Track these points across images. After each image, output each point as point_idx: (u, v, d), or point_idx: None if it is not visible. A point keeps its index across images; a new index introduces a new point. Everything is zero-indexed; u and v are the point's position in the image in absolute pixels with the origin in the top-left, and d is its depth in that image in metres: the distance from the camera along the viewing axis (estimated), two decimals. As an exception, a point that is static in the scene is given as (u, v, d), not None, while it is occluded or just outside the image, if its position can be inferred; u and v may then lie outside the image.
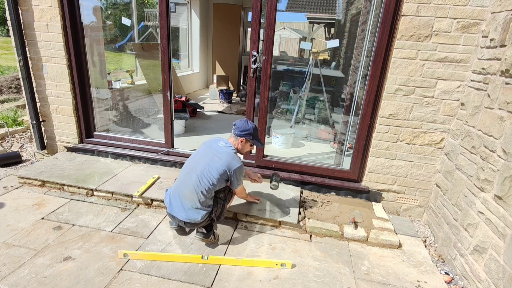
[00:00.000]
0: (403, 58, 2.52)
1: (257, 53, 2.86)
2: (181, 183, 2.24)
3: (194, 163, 2.27)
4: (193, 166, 2.25)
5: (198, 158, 2.30)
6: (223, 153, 2.23)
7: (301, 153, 3.97)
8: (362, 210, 2.83)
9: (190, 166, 2.27)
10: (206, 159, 2.23)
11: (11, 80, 6.95)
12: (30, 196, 2.79)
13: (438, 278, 2.18)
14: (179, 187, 2.25)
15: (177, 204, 2.21)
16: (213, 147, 2.29)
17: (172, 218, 2.27)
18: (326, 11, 7.83)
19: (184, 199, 2.19)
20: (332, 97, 5.36)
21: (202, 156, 2.28)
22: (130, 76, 5.73)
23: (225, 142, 2.33)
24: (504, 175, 1.83)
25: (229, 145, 2.31)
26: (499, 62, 2.05)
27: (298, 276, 2.09)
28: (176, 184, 2.30)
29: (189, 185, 2.19)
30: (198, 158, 2.30)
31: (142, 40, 6.94)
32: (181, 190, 2.21)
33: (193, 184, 2.17)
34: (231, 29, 7.51)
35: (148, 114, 5.13)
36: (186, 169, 2.29)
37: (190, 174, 2.22)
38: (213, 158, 2.22)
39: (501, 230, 1.82)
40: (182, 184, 2.23)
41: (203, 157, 2.27)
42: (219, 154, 2.23)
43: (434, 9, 2.37)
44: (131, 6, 6.04)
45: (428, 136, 2.68)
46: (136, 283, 1.92)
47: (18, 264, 1.99)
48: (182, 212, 2.18)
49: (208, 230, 2.28)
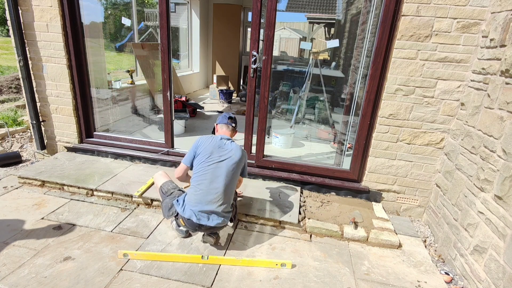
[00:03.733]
0: (403, 58, 2.52)
1: (257, 53, 2.86)
2: (210, 189, 2.16)
3: (214, 167, 2.20)
4: (216, 169, 2.20)
5: (216, 158, 2.23)
6: (233, 148, 2.28)
7: (301, 153, 3.97)
8: (362, 210, 2.83)
9: (213, 171, 2.20)
10: (225, 161, 2.22)
11: (11, 80, 6.95)
12: (30, 196, 2.79)
13: (438, 278, 2.18)
14: (209, 192, 2.16)
15: (208, 213, 2.16)
16: (222, 147, 2.27)
17: (195, 227, 2.19)
18: (326, 11, 7.83)
19: (217, 204, 2.16)
20: (332, 97, 5.36)
21: (220, 155, 2.25)
22: (130, 76, 5.73)
23: (225, 137, 2.35)
24: (504, 175, 1.83)
25: (230, 138, 2.37)
26: (499, 62, 2.05)
27: (298, 276, 2.09)
28: (201, 193, 2.17)
29: (220, 187, 2.16)
30: (216, 158, 2.23)
31: (142, 40, 6.94)
32: (212, 195, 2.16)
33: (223, 185, 2.17)
34: (231, 29, 7.52)
35: (148, 114, 5.13)
36: (208, 173, 2.19)
37: (217, 179, 2.17)
38: (230, 157, 2.24)
39: (501, 230, 1.82)
40: (212, 190, 2.16)
41: (221, 155, 2.25)
42: (232, 151, 2.27)
43: (434, 9, 2.37)
44: (131, 6, 6.03)
45: (428, 136, 2.68)
46: (136, 283, 1.92)
47: (18, 264, 1.99)
48: (215, 219, 2.16)
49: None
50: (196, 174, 2.24)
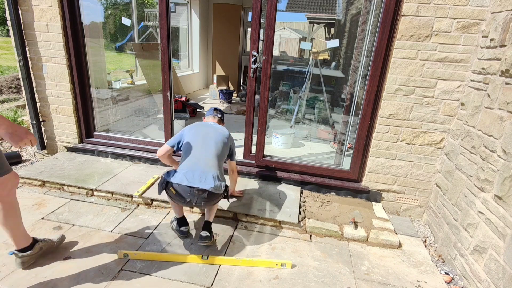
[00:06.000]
0: (403, 58, 2.52)
1: (257, 53, 2.86)
2: (200, 154, 2.23)
3: (203, 136, 2.33)
4: (205, 139, 2.31)
5: (203, 133, 2.36)
6: (220, 127, 2.47)
7: (301, 153, 3.97)
8: (362, 210, 2.83)
9: (202, 140, 2.31)
10: (212, 132, 2.36)
11: (11, 80, 6.95)
12: (30, 196, 2.79)
13: (438, 278, 2.18)
14: (199, 158, 2.21)
15: (200, 175, 2.12)
16: (210, 126, 2.43)
17: (186, 193, 2.09)
18: (326, 11, 7.83)
19: (209, 168, 2.17)
20: (332, 97, 5.36)
21: (207, 131, 2.38)
22: (130, 76, 5.74)
23: (212, 122, 2.52)
24: (504, 175, 1.83)
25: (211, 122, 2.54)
26: (499, 62, 2.05)
27: (298, 276, 2.09)
28: (192, 159, 2.21)
29: (210, 154, 2.25)
30: (203, 133, 2.36)
31: (142, 40, 6.94)
32: (203, 161, 2.20)
33: (214, 152, 2.27)
34: (231, 29, 7.51)
35: (148, 114, 5.13)
36: (198, 143, 2.29)
37: (207, 145, 2.28)
38: (219, 133, 2.39)
39: (501, 230, 1.82)
40: (202, 155, 2.23)
41: (208, 131, 2.37)
42: (220, 128, 2.44)
43: (434, 9, 2.37)
44: (131, 6, 6.03)
45: (428, 136, 2.68)
46: (136, 283, 1.92)
47: (18, 264, 1.98)
48: (208, 181, 2.11)
49: (210, 232, 2.26)
50: (185, 146, 2.31)
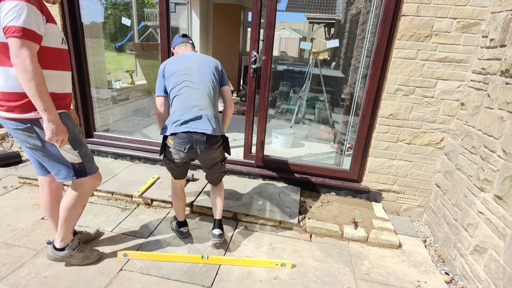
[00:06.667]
0: (403, 58, 2.52)
1: (257, 53, 2.86)
2: (190, 96, 1.98)
3: (187, 71, 2.03)
4: (191, 75, 2.02)
5: (186, 67, 2.04)
6: (201, 55, 2.17)
7: (301, 153, 3.97)
8: (362, 210, 2.83)
9: (188, 77, 2.01)
10: (198, 64, 2.06)
11: (11, 80, 6.94)
12: (30, 196, 2.79)
13: (438, 278, 2.18)
14: (189, 100, 1.97)
15: (195, 119, 1.94)
16: (191, 56, 2.12)
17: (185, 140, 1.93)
18: (326, 11, 7.83)
19: (203, 110, 1.96)
20: (332, 97, 5.36)
21: (189, 64, 2.06)
22: (130, 76, 5.74)
23: (189, 51, 2.21)
24: (504, 175, 1.83)
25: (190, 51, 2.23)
26: (499, 62, 2.05)
27: (298, 276, 2.09)
28: (182, 103, 1.97)
29: (201, 92, 2.00)
30: (186, 67, 2.04)
31: (142, 40, 6.94)
32: (195, 102, 1.97)
33: (206, 90, 2.02)
34: (231, 29, 7.51)
35: (148, 114, 5.13)
36: (184, 82, 2.00)
37: (196, 83, 2.01)
38: (205, 60, 2.11)
39: (501, 230, 1.82)
40: (193, 96, 1.98)
41: (191, 65, 2.05)
42: (203, 55, 2.16)
43: (434, 9, 2.37)
44: (131, 6, 6.04)
45: (428, 136, 2.68)
46: (136, 283, 1.92)
47: (18, 264, 1.99)
48: (205, 123, 1.94)
49: (222, 229, 2.26)
50: (174, 87, 2.02)
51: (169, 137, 1.97)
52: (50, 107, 1.51)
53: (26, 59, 1.41)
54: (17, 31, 1.38)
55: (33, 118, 1.57)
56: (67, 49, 1.75)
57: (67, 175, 1.74)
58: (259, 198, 2.85)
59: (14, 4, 1.38)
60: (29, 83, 1.43)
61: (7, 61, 1.49)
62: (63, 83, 1.71)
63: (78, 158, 1.74)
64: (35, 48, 1.46)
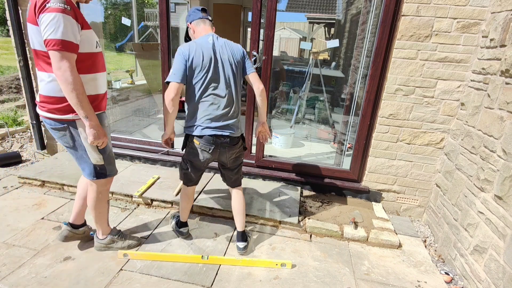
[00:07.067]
0: (403, 58, 2.52)
1: (257, 53, 2.86)
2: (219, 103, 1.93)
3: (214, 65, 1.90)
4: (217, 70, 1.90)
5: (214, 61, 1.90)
6: (227, 43, 1.98)
7: (301, 153, 3.97)
8: (362, 210, 2.83)
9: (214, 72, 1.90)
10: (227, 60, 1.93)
11: (11, 80, 6.95)
12: (30, 196, 2.79)
13: (438, 278, 2.18)
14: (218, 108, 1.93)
15: (222, 121, 1.94)
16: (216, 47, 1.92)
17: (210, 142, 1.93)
18: (326, 11, 7.82)
19: (231, 110, 1.95)
20: (332, 97, 5.36)
21: (221, 61, 1.92)
22: (130, 76, 5.74)
23: (212, 35, 1.96)
24: (504, 175, 1.83)
25: (216, 35, 2.00)
26: (499, 62, 2.05)
27: (298, 276, 2.09)
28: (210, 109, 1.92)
29: (229, 91, 1.94)
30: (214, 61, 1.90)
31: (142, 40, 6.94)
32: (224, 102, 1.93)
33: (234, 87, 1.96)
34: (231, 29, 7.51)
35: (148, 114, 5.14)
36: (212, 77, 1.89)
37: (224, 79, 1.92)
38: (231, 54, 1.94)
39: (501, 230, 1.82)
40: (221, 103, 1.93)
41: (223, 61, 1.92)
42: (227, 46, 1.96)
43: (434, 9, 2.37)
44: (131, 6, 6.04)
45: (428, 136, 2.68)
46: (136, 283, 1.92)
47: (18, 264, 1.99)
48: (232, 127, 1.98)
49: (246, 240, 2.28)
50: (199, 90, 1.90)
51: (195, 138, 1.98)
52: (91, 114, 1.65)
53: (66, 71, 1.52)
54: (56, 44, 1.49)
55: (70, 119, 1.70)
56: (101, 51, 1.83)
57: (89, 174, 1.88)
58: (259, 198, 2.85)
59: (52, 16, 1.47)
60: (71, 93, 1.56)
61: (47, 67, 1.61)
62: (99, 85, 1.80)
63: (101, 160, 1.85)
64: (73, 57, 1.57)
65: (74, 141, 1.77)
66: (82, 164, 1.86)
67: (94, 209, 2.00)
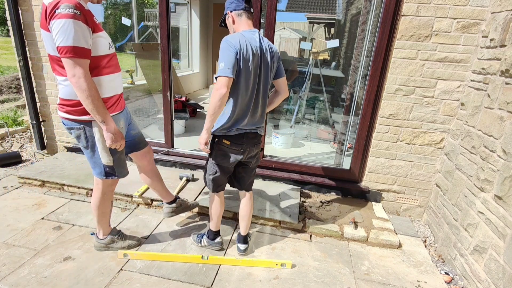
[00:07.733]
0: (403, 58, 2.52)
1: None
2: (256, 105, 1.88)
3: (257, 70, 1.81)
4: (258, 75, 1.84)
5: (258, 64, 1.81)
6: (269, 44, 1.88)
7: (301, 153, 3.97)
8: (362, 210, 2.83)
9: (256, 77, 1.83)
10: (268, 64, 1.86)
11: (11, 80, 6.95)
12: (30, 196, 2.79)
13: (438, 278, 2.18)
14: (254, 110, 1.89)
15: (254, 121, 1.92)
16: (261, 48, 1.81)
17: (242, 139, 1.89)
18: (326, 11, 7.82)
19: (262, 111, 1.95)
20: (332, 97, 5.36)
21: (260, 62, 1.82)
22: (130, 76, 5.74)
23: (255, 32, 1.82)
24: (504, 175, 1.83)
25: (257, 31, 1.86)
26: (499, 62, 2.05)
27: (298, 276, 2.09)
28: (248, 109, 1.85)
29: (265, 96, 1.93)
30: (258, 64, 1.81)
31: (142, 40, 6.94)
32: (260, 106, 1.92)
33: (266, 98, 1.94)
34: (231, 29, 7.50)
35: (148, 114, 5.14)
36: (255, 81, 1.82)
37: (262, 89, 1.88)
38: (271, 57, 1.87)
39: (501, 230, 1.82)
40: (257, 106, 1.90)
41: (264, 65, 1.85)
42: (269, 47, 1.86)
43: (434, 9, 2.37)
44: (131, 6, 6.04)
45: (428, 136, 2.68)
46: (136, 283, 1.92)
47: (18, 264, 1.99)
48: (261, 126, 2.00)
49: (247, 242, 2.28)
50: (243, 87, 1.78)
51: (225, 138, 1.89)
52: (107, 118, 1.68)
53: (80, 78, 1.54)
54: (68, 51, 1.50)
55: (86, 120, 1.73)
56: (115, 52, 1.84)
57: (99, 173, 1.90)
58: (259, 198, 2.85)
59: (62, 23, 1.47)
60: (86, 100, 1.58)
61: (62, 70, 1.62)
62: (116, 86, 1.82)
63: (110, 162, 1.87)
64: (86, 63, 1.58)
65: (88, 142, 1.79)
66: (92, 163, 1.89)
67: (97, 209, 2.00)
